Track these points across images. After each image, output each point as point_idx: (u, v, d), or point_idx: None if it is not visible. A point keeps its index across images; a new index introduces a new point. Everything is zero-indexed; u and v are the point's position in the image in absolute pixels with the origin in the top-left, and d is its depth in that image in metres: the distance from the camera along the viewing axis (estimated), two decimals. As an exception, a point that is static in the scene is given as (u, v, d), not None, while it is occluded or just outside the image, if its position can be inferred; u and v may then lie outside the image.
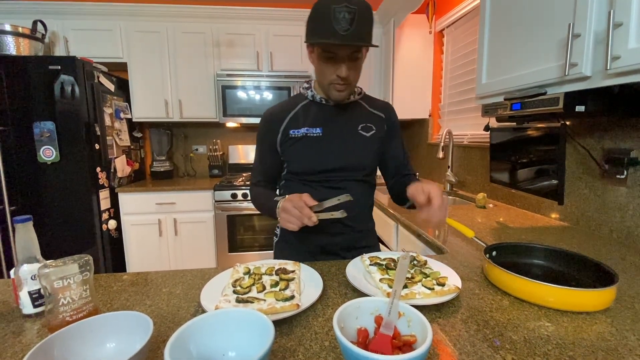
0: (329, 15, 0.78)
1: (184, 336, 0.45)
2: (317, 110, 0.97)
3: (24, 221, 0.63)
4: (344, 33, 0.78)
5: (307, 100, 0.99)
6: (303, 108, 0.98)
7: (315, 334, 0.57)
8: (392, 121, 1.04)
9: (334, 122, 0.96)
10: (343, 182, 0.97)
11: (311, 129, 0.95)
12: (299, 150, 0.95)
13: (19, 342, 0.56)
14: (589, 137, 1.20)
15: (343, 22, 0.77)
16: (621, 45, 0.75)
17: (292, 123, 0.96)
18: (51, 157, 2.13)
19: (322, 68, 0.88)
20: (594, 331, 0.57)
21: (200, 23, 2.64)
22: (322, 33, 0.80)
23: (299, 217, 0.76)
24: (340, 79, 0.86)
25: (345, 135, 0.96)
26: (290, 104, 0.99)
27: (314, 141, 0.95)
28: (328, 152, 0.95)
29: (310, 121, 0.96)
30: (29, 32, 2.27)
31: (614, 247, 1.03)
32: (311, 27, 0.84)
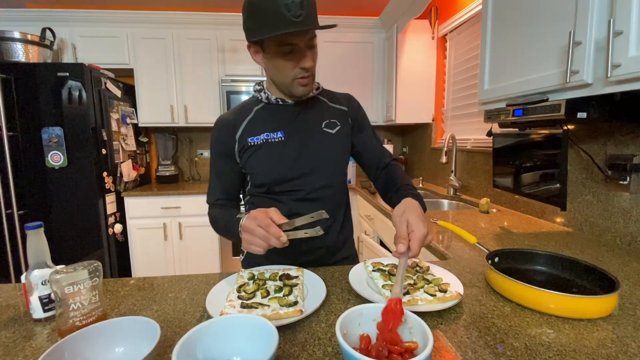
0: (275, 3, 0.69)
1: (191, 341, 0.47)
2: (275, 113, 0.89)
3: (35, 227, 0.64)
4: (298, 20, 0.70)
5: (262, 104, 0.90)
6: (259, 112, 0.89)
7: (319, 340, 0.58)
8: (355, 112, 0.97)
9: (296, 123, 0.89)
10: (315, 192, 0.89)
11: (271, 134, 0.87)
12: (261, 158, 0.86)
13: (30, 346, 0.58)
14: (592, 143, 1.20)
15: (293, 7, 0.69)
16: (621, 53, 0.76)
17: (249, 130, 0.87)
18: (59, 162, 2.17)
19: (280, 65, 0.79)
20: (596, 338, 0.57)
21: (205, 29, 2.68)
22: (275, 25, 0.71)
23: (265, 237, 0.66)
24: (305, 71, 0.79)
25: (309, 135, 0.89)
26: (244, 110, 0.90)
27: (276, 147, 0.86)
28: (293, 157, 0.87)
29: (270, 125, 0.87)
30: (38, 40, 2.32)
31: (617, 253, 1.03)
32: (256, 22, 0.74)
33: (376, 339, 0.52)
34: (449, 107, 2.42)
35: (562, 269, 0.81)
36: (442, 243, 1.14)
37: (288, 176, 0.88)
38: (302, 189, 0.89)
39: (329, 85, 2.45)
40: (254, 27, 0.75)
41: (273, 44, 0.76)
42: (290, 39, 0.74)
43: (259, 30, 0.74)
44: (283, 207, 0.87)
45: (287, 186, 0.88)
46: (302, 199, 0.90)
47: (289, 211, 0.88)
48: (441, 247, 1.10)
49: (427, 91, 2.61)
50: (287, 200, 0.89)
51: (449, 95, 2.44)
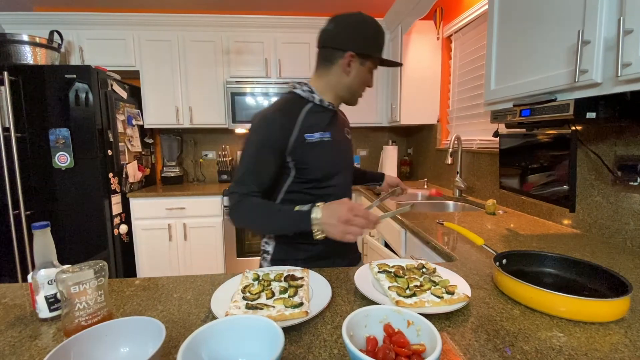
0: (383, 36, 0.94)
1: (196, 342, 0.46)
2: (322, 115, 0.96)
3: (42, 227, 0.65)
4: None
5: (310, 105, 0.95)
6: (310, 112, 0.94)
7: (324, 342, 0.57)
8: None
9: (335, 127, 1.00)
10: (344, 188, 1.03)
11: (324, 134, 0.94)
12: (318, 155, 0.93)
13: (35, 346, 0.58)
14: (601, 143, 1.19)
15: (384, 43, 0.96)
16: (632, 52, 0.75)
17: (305, 128, 0.91)
18: (66, 163, 2.19)
19: (366, 78, 0.97)
20: (607, 342, 0.56)
21: (210, 31, 2.70)
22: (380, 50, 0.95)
23: (366, 224, 0.75)
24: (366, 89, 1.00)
25: (342, 138, 1.03)
26: (293, 108, 0.93)
27: (327, 146, 0.95)
28: (337, 157, 1.00)
29: (321, 126, 0.95)
30: (46, 42, 2.35)
31: (627, 255, 1.01)
32: (375, 42, 0.94)
33: (383, 341, 0.52)
34: (454, 108, 2.41)
35: (572, 272, 0.79)
36: (448, 245, 1.13)
37: (333, 173, 0.98)
38: (337, 185, 1.00)
39: None
40: (373, 44, 0.93)
41: (374, 63, 0.96)
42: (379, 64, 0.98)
43: (377, 49, 0.94)
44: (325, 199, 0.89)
45: (330, 182, 0.98)
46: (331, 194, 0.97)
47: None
48: (447, 248, 1.09)
49: (432, 92, 2.60)
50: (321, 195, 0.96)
51: (454, 96, 2.42)
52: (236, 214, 0.89)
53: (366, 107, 2.89)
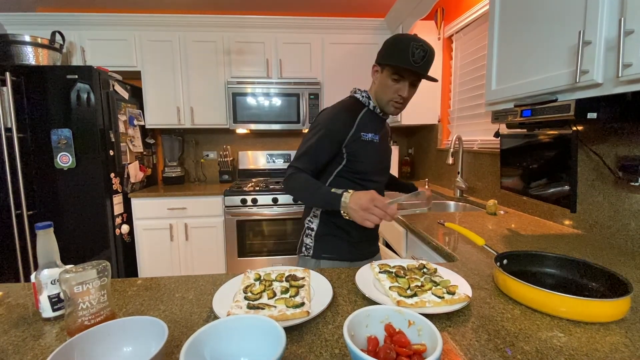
0: (407, 48, 0.97)
1: (198, 342, 0.47)
2: (375, 120, 1.12)
3: (45, 227, 0.65)
4: (417, 65, 0.97)
5: (366, 109, 1.12)
6: (367, 115, 1.11)
7: (326, 341, 0.58)
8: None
9: (382, 133, 1.15)
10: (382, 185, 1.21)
11: (374, 136, 1.10)
12: (368, 152, 1.09)
13: (39, 345, 0.58)
14: (602, 144, 1.19)
15: (417, 56, 0.97)
16: (633, 52, 0.75)
17: (362, 126, 1.08)
18: (68, 164, 2.19)
19: (388, 85, 1.04)
20: (608, 342, 0.56)
21: (211, 32, 2.70)
22: (400, 59, 0.98)
23: (383, 215, 0.85)
24: (400, 98, 1.04)
25: (387, 144, 1.20)
26: (354, 109, 1.10)
27: (376, 146, 1.10)
28: (382, 157, 1.16)
29: (373, 128, 1.10)
30: (48, 43, 2.35)
31: (628, 255, 1.01)
32: (390, 52, 1.01)
33: (384, 341, 0.52)
34: (455, 108, 2.41)
35: (572, 272, 0.79)
36: (449, 245, 1.13)
37: (375, 170, 1.14)
38: (377, 182, 1.16)
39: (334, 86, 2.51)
40: (388, 53, 1.02)
41: (390, 70, 1.02)
42: (402, 72, 1.01)
43: (389, 57, 1.01)
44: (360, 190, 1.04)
45: (372, 177, 1.13)
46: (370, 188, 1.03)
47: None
48: (448, 249, 1.09)
49: (433, 92, 2.59)
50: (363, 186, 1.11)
51: (455, 96, 2.42)
52: (289, 183, 1.04)
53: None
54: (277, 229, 2.61)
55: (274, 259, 2.61)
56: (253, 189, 2.57)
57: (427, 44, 0.98)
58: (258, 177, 3.10)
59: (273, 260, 2.61)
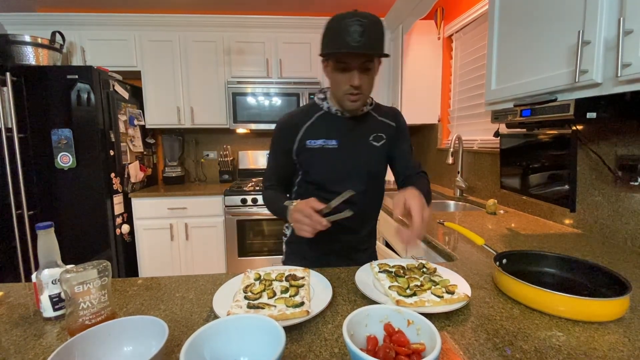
0: (340, 29, 0.82)
1: (198, 341, 0.47)
2: (333, 122, 0.99)
3: (45, 227, 0.65)
4: (355, 44, 0.81)
5: (322, 111, 1.00)
6: (319, 119, 1.00)
7: (325, 341, 0.58)
8: (402, 128, 1.08)
9: (349, 134, 1.00)
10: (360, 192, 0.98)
11: (328, 141, 0.98)
12: (317, 161, 0.98)
13: (40, 345, 0.58)
14: (602, 143, 1.19)
15: (354, 34, 0.81)
16: (632, 52, 0.75)
17: (308, 133, 0.98)
18: (68, 164, 2.20)
19: (336, 79, 0.91)
20: (607, 341, 0.56)
21: (211, 32, 2.70)
22: (335, 45, 0.84)
23: (311, 224, 0.78)
24: (354, 88, 0.88)
25: (358, 146, 1.00)
26: (306, 114, 1.01)
27: (330, 153, 0.98)
28: (343, 164, 0.99)
29: (327, 133, 0.99)
30: (48, 43, 2.36)
31: (628, 255, 1.02)
32: (325, 41, 0.88)
33: (383, 340, 0.52)
34: (455, 108, 2.41)
35: (571, 271, 0.79)
36: (449, 244, 1.13)
37: (337, 179, 0.99)
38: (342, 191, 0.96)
39: None
40: (323, 44, 0.89)
41: (333, 60, 0.88)
42: (345, 58, 0.86)
43: (325, 47, 0.88)
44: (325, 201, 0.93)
45: (334, 187, 0.99)
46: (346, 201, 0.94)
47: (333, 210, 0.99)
48: (448, 248, 1.10)
49: (433, 92, 2.60)
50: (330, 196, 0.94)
51: (455, 96, 2.42)
52: (264, 203, 1.03)
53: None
54: (277, 229, 2.61)
55: (274, 259, 2.61)
56: (253, 188, 2.57)
57: (364, 15, 0.82)
58: (258, 177, 3.10)
59: (273, 259, 2.61)
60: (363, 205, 1.01)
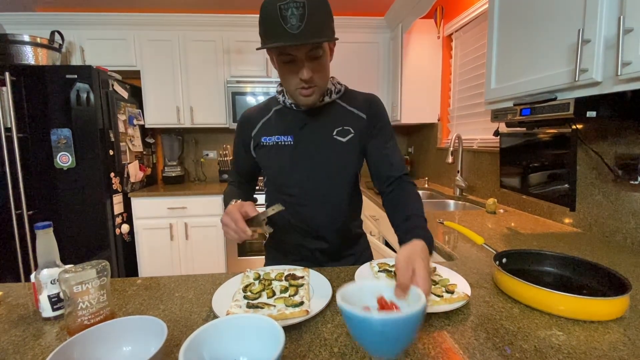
0: (276, 14, 0.69)
1: (197, 341, 0.47)
2: (289, 117, 0.90)
3: (44, 227, 0.65)
4: (295, 32, 0.70)
5: (280, 105, 0.92)
6: (276, 113, 0.92)
7: (325, 340, 0.58)
8: (373, 119, 0.91)
9: (306, 129, 0.89)
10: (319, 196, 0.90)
11: (282, 137, 0.89)
12: (271, 158, 0.91)
13: (39, 345, 0.58)
14: (602, 142, 1.18)
15: (292, 19, 0.69)
16: (632, 50, 0.75)
17: (264, 130, 0.92)
18: (67, 163, 2.20)
19: (283, 73, 0.80)
20: (607, 341, 0.56)
21: (211, 31, 2.70)
22: (273, 35, 0.72)
23: (235, 231, 0.71)
24: (304, 82, 0.78)
25: (318, 143, 0.89)
26: (264, 109, 0.95)
27: (285, 150, 0.89)
28: (300, 162, 0.89)
29: (282, 128, 0.90)
30: (47, 43, 2.35)
31: (627, 254, 1.01)
32: (262, 31, 0.75)
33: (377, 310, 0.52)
34: (455, 107, 2.40)
35: (571, 270, 0.79)
36: (449, 244, 1.13)
37: (294, 178, 0.90)
38: (307, 192, 0.91)
39: None
40: (262, 34, 0.77)
41: (275, 53, 0.78)
42: (288, 50, 0.75)
43: (264, 39, 0.76)
44: (290, 205, 0.90)
45: (293, 188, 0.91)
46: (304, 202, 0.91)
47: (294, 211, 0.92)
48: (448, 247, 1.09)
49: (433, 91, 2.59)
50: (294, 200, 0.91)
51: (454, 95, 2.42)
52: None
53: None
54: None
55: (274, 258, 2.61)
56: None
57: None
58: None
59: (273, 259, 2.61)
60: (327, 209, 0.91)
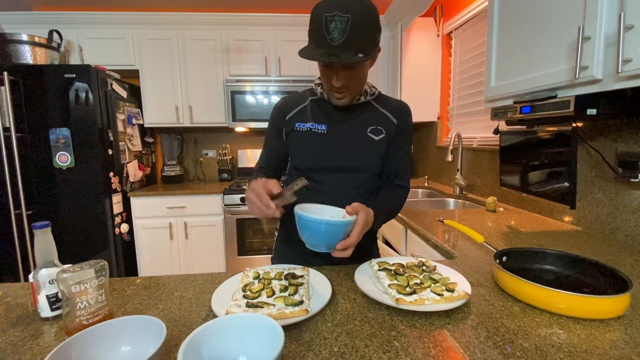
0: (321, 24, 0.73)
1: (197, 340, 0.46)
2: (325, 107, 0.95)
3: (42, 227, 0.65)
4: (336, 44, 0.73)
5: (317, 97, 0.97)
6: (312, 103, 0.96)
7: (324, 339, 0.57)
8: (403, 127, 0.97)
9: (341, 121, 0.93)
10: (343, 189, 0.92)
11: (316, 125, 0.92)
12: (302, 144, 0.93)
13: (37, 345, 0.58)
14: (602, 140, 1.18)
15: (335, 32, 0.72)
16: (632, 48, 0.74)
17: (299, 116, 0.95)
18: (66, 163, 2.19)
19: (321, 74, 0.86)
20: (607, 339, 0.56)
21: (210, 30, 2.69)
22: (315, 40, 0.76)
23: (259, 207, 0.72)
24: (338, 88, 0.83)
25: (352, 135, 0.92)
26: (301, 97, 0.98)
27: (318, 137, 0.92)
28: (331, 150, 0.91)
29: (317, 117, 0.94)
30: (45, 42, 2.35)
31: (628, 252, 1.01)
32: (310, 32, 0.79)
33: None
34: (455, 105, 2.40)
35: (572, 269, 0.79)
36: (449, 242, 1.13)
37: (322, 167, 0.92)
38: (332, 184, 0.92)
39: None
40: (309, 34, 0.79)
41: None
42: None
43: (309, 40, 0.79)
44: (311, 195, 0.90)
45: (319, 176, 0.92)
46: (329, 192, 0.92)
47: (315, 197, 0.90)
48: (448, 246, 1.09)
49: (433, 89, 2.59)
50: (317, 186, 0.92)
51: (454, 93, 2.42)
52: None
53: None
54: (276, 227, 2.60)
55: (273, 257, 2.61)
56: (252, 187, 2.57)
57: (345, 7, 0.71)
58: (257, 175, 3.10)
59: (273, 258, 2.61)
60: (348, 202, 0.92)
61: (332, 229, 0.70)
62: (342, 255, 0.72)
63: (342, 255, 0.72)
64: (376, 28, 0.79)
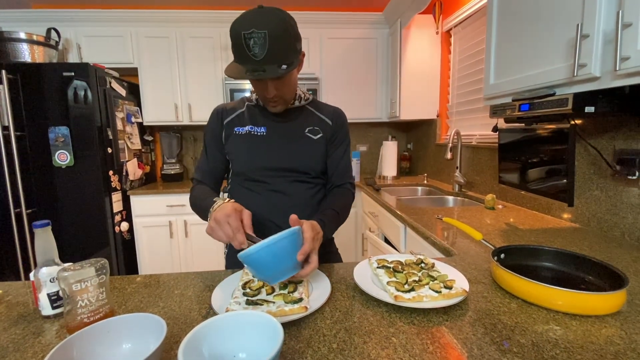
0: (241, 41, 0.75)
1: (197, 338, 0.47)
2: (263, 111, 0.98)
3: (43, 226, 0.65)
4: (259, 59, 0.76)
5: (253, 103, 1.00)
6: (249, 108, 1.00)
7: (324, 336, 0.58)
8: (338, 128, 1.01)
9: (279, 124, 0.97)
10: (288, 186, 0.94)
11: (255, 128, 0.95)
12: (242, 147, 0.95)
13: (39, 343, 0.58)
14: (600, 137, 1.19)
15: (255, 48, 0.75)
16: (630, 45, 0.74)
17: (237, 120, 0.97)
18: (66, 161, 2.19)
19: (253, 86, 0.89)
20: (603, 335, 0.57)
21: (208, 27, 2.68)
22: (239, 58, 0.79)
23: (229, 237, 0.71)
24: (271, 99, 0.87)
25: (291, 136, 0.96)
26: (239, 103, 1.02)
27: (257, 139, 0.95)
28: (272, 151, 0.94)
29: (255, 120, 0.97)
30: (43, 40, 2.34)
31: (625, 249, 1.02)
32: (233, 51, 0.81)
33: None
34: (454, 103, 2.40)
35: (569, 265, 0.80)
36: (447, 239, 1.14)
37: (264, 166, 0.94)
38: (276, 182, 0.95)
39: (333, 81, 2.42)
40: (232, 51, 0.81)
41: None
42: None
43: (234, 58, 0.81)
44: (257, 197, 0.94)
45: (262, 176, 0.94)
46: (275, 190, 0.95)
47: (261, 201, 0.94)
48: (446, 243, 1.10)
49: (432, 87, 2.59)
50: (262, 190, 0.95)
51: (453, 91, 2.42)
52: (190, 200, 0.95)
53: (365, 102, 2.89)
54: (277, 225, 2.61)
55: (273, 255, 2.62)
56: (252, 185, 2.57)
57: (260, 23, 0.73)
58: (257, 173, 3.10)
59: (273, 256, 2.62)
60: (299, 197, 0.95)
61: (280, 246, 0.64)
62: (310, 269, 0.69)
63: (310, 269, 0.69)
64: (295, 38, 0.81)
